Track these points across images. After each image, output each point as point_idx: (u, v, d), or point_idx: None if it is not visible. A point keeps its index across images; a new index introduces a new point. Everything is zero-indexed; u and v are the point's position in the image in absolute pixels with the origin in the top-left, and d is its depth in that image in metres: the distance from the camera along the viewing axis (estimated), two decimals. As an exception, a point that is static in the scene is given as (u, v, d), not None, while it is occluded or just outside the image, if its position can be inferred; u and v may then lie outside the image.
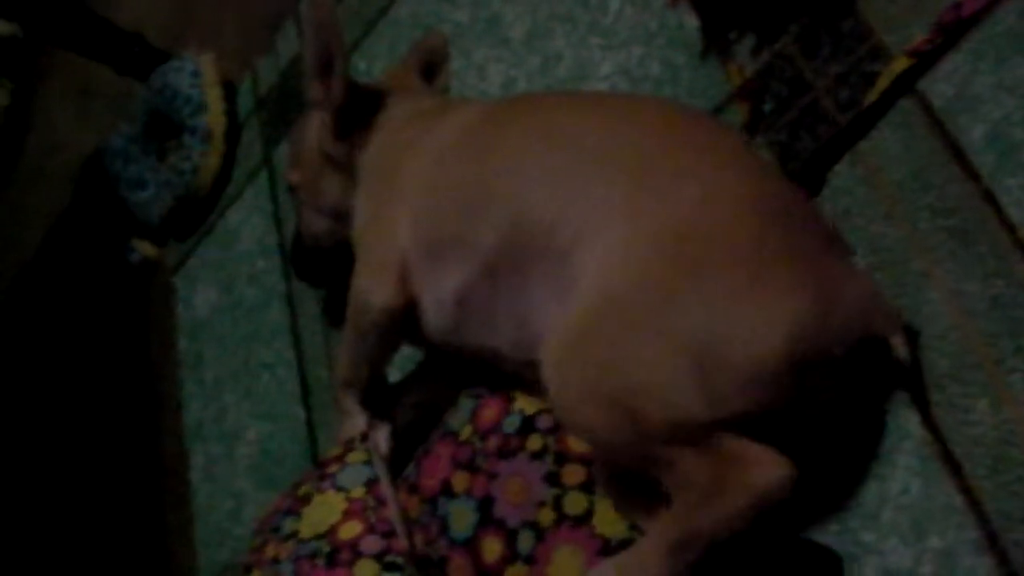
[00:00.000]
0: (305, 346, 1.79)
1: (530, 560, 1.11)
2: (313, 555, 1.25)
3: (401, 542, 1.23)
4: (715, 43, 1.42)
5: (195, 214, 2.22)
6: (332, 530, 1.26)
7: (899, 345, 1.02)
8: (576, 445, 1.13)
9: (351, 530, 1.26)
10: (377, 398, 1.40)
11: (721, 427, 0.96)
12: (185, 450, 1.98)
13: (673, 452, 0.97)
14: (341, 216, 1.48)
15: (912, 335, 1.06)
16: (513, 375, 1.20)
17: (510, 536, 1.13)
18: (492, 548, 1.14)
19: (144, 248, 2.32)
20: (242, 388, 1.89)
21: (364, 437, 1.36)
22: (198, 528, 1.87)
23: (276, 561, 1.29)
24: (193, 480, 1.93)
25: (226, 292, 2.07)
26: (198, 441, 1.96)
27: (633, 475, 1.04)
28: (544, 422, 1.17)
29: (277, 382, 1.81)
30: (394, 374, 1.43)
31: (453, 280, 1.21)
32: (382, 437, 1.36)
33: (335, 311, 1.71)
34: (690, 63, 1.44)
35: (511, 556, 1.12)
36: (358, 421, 1.39)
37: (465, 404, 1.26)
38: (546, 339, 1.07)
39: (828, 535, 1.03)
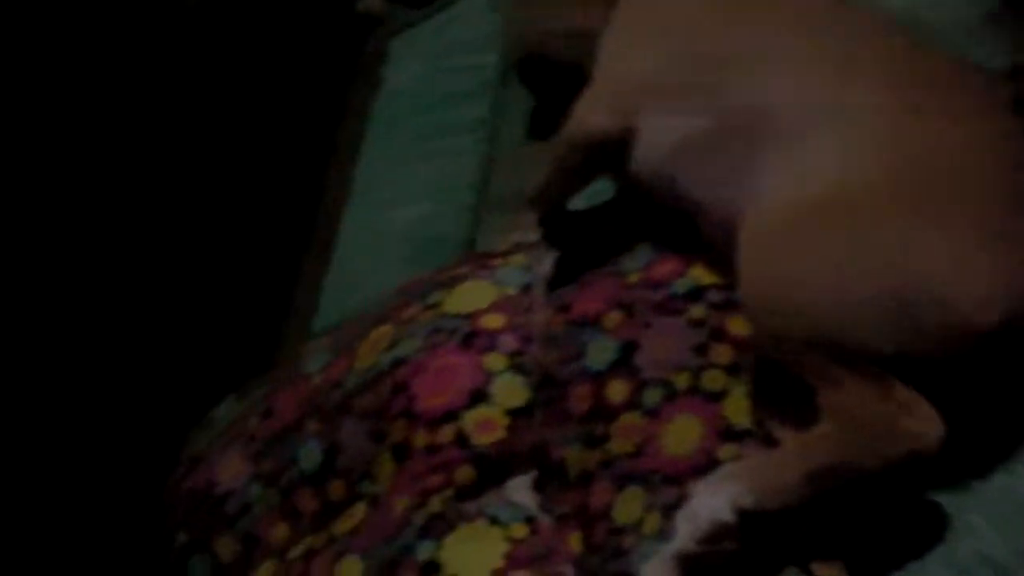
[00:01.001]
0: (500, 143, 1.81)
1: (651, 414, 1.14)
2: (451, 331, 1.29)
3: (536, 351, 1.27)
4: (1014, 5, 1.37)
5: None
6: (476, 315, 1.30)
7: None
8: (737, 329, 1.15)
9: (494, 321, 1.30)
10: (557, 221, 1.42)
11: (899, 369, 0.96)
12: (345, 203, 2.03)
13: (844, 374, 0.98)
14: (584, 35, 1.48)
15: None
16: (705, 238, 1.21)
17: (640, 386, 1.16)
18: (619, 390, 1.17)
19: (372, 1, 2.35)
20: (422, 163, 1.92)
21: (533, 247, 1.39)
22: (328, 282, 1.91)
23: (412, 322, 1.34)
24: (342, 235, 1.97)
25: (436, 71, 2.08)
26: (360, 200, 2.00)
27: (786, 375, 1.04)
28: (714, 296, 1.18)
29: (458, 169, 1.83)
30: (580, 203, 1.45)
31: (677, 127, 1.21)
32: (549, 257, 1.38)
33: (541, 123, 1.72)
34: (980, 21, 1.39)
35: (634, 404, 1.15)
36: (532, 236, 1.41)
37: (643, 252, 1.28)
38: (754, 210, 1.07)
39: (940, 501, 1.04)
